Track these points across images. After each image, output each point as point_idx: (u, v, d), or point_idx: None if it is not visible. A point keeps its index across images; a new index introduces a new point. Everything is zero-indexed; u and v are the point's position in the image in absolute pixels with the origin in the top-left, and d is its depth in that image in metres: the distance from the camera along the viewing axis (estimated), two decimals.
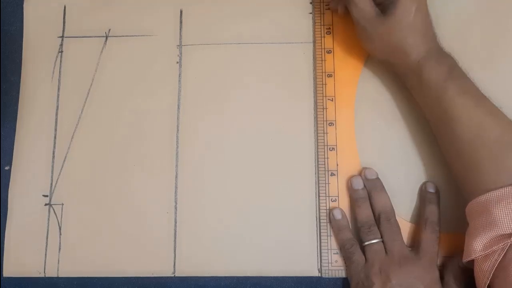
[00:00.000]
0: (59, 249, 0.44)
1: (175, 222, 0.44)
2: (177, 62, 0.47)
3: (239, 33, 0.47)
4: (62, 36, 0.48)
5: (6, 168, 0.46)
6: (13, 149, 0.46)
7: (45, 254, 0.44)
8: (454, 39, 0.45)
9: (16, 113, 0.47)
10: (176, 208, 0.44)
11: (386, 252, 0.41)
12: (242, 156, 0.45)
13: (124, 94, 0.47)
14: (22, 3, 0.49)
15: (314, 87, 0.46)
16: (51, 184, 0.45)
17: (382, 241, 0.41)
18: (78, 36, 0.48)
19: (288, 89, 0.46)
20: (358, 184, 0.43)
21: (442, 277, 0.41)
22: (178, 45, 0.47)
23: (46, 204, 0.45)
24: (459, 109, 0.38)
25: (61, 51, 0.48)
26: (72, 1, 0.48)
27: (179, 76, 0.47)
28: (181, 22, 0.48)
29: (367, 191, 0.43)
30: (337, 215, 0.43)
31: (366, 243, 0.41)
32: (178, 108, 0.46)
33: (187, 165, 0.45)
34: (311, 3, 0.48)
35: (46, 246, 0.44)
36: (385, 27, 0.40)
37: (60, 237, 0.44)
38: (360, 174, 0.44)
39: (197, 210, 0.44)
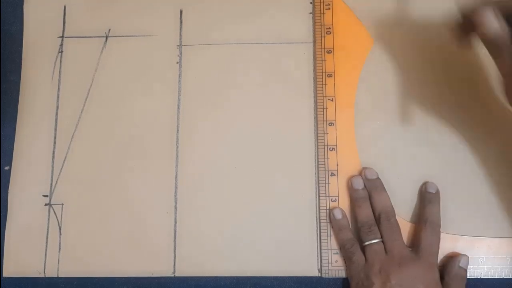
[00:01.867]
0: (59, 249, 0.44)
1: (175, 222, 0.44)
2: (177, 62, 0.47)
3: (239, 33, 0.47)
4: (62, 36, 0.48)
5: (6, 168, 0.46)
6: (13, 149, 0.46)
7: (45, 254, 0.44)
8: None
9: (16, 113, 0.47)
10: (176, 208, 0.44)
11: (386, 252, 0.41)
12: (242, 156, 0.45)
13: (124, 94, 0.47)
14: (22, 3, 0.49)
15: (314, 87, 0.46)
16: (51, 184, 0.45)
17: (382, 241, 0.41)
18: (78, 36, 0.48)
19: (288, 89, 0.46)
20: (359, 184, 0.43)
21: (442, 277, 0.41)
22: (178, 45, 0.47)
23: (46, 204, 0.45)
24: None
25: (61, 51, 0.48)
26: (72, 1, 0.48)
27: (179, 76, 0.47)
28: (181, 22, 0.48)
29: (368, 191, 0.43)
30: (338, 214, 0.43)
31: (366, 243, 0.41)
32: (178, 108, 0.46)
33: (187, 165, 0.45)
34: (311, 3, 0.48)
35: (46, 246, 0.44)
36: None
37: (60, 237, 0.44)
38: (360, 174, 0.44)
39: (197, 210, 0.44)
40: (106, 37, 0.48)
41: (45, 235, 0.44)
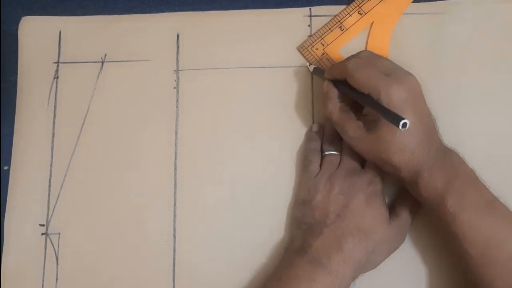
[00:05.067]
0: (56, 279, 0.43)
1: (174, 251, 0.44)
2: (174, 87, 0.47)
3: (236, 57, 0.47)
4: (58, 62, 0.47)
5: (6, 168, 0.45)
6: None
7: (42, 285, 0.43)
8: (451, 65, 0.46)
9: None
10: (175, 236, 0.44)
11: (339, 164, 0.42)
12: (242, 183, 0.45)
13: (121, 120, 0.46)
14: (22, 3, 0.48)
15: (312, 111, 0.46)
16: (48, 213, 0.45)
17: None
18: (74, 62, 0.47)
19: (287, 113, 0.46)
20: None
21: (400, 196, 0.42)
22: (175, 70, 0.47)
23: (43, 234, 0.44)
24: (462, 226, 0.36)
25: (57, 77, 0.47)
26: (67, 26, 0.48)
27: (177, 101, 0.46)
28: (177, 46, 0.47)
29: None
30: (315, 128, 0.45)
31: (326, 152, 0.42)
32: (176, 133, 0.46)
33: (186, 192, 0.45)
34: (309, 25, 0.47)
35: (43, 276, 0.43)
36: (367, 144, 0.39)
37: (57, 267, 0.44)
38: None
39: (197, 239, 0.44)
40: (102, 62, 0.47)
41: (42, 265, 0.44)
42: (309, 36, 0.47)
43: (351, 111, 0.40)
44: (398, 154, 0.37)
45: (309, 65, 0.46)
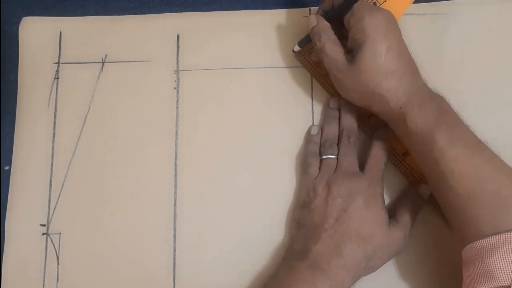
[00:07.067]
0: (57, 279, 0.44)
1: (174, 251, 0.44)
2: (175, 88, 0.47)
3: (237, 57, 0.47)
4: (58, 62, 0.47)
5: (6, 168, 0.45)
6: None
7: (43, 285, 0.43)
8: (452, 65, 0.46)
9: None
10: (175, 236, 0.44)
11: (336, 168, 0.42)
12: (243, 182, 0.45)
13: (121, 120, 0.46)
14: (22, 3, 0.48)
15: (312, 112, 0.46)
16: (49, 213, 0.45)
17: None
18: (75, 62, 0.47)
19: (287, 113, 0.46)
20: (334, 104, 0.44)
21: (399, 201, 0.43)
22: (175, 70, 0.47)
23: (43, 234, 0.44)
24: (450, 161, 0.35)
25: (57, 78, 0.47)
26: (68, 27, 0.48)
27: (177, 101, 0.46)
28: (178, 47, 0.47)
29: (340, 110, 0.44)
30: (314, 130, 0.44)
31: (324, 156, 0.42)
32: (176, 134, 0.46)
33: (186, 192, 0.45)
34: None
35: (44, 276, 0.44)
36: (356, 74, 0.38)
37: (58, 267, 0.44)
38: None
39: (197, 238, 0.44)
40: (103, 62, 0.47)
41: (43, 265, 0.44)
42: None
43: (341, 45, 0.40)
44: (386, 79, 0.37)
45: (295, 47, 0.45)
